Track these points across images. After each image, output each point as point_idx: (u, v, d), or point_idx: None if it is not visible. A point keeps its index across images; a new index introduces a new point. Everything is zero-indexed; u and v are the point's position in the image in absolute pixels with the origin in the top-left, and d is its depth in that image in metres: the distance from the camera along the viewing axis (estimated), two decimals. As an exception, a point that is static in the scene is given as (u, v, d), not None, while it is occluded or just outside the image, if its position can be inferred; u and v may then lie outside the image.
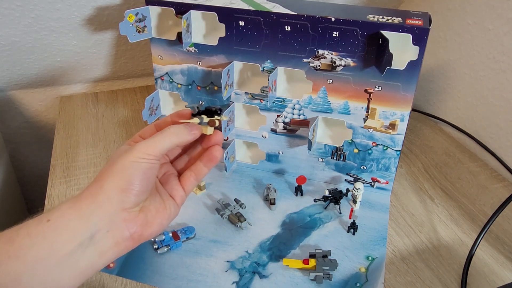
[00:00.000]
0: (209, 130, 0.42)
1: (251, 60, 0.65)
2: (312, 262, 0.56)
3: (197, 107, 0.43)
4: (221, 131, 0.45)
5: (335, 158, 0.69)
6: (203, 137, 0.44)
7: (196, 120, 0.42)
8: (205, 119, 0.42)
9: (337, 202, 0.66)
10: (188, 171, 0.45)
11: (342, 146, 0.68)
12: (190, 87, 0.71)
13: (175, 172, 0.45)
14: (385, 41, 0.55)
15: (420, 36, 0.55)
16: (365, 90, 0.62)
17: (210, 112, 0.42)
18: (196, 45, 0.67)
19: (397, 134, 0.64)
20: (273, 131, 0.70)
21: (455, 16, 0.84)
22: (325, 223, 0.65)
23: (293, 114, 0.68)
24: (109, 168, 0.38)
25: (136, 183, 0.37)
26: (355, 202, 0.67)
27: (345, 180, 0.71)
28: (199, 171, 0.45)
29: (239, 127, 0.71)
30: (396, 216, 0.67)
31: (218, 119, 0.42)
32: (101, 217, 0.36)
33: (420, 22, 0.55)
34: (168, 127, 0.41)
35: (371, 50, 0.58)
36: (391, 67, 0.56)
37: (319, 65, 0.62)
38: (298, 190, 0.69)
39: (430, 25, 0.55)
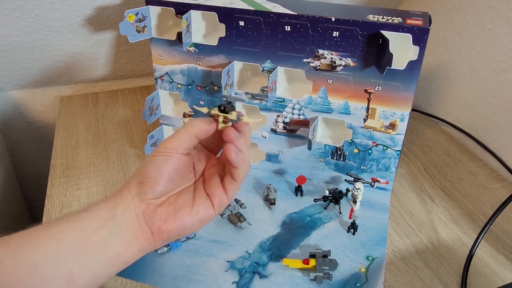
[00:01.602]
0: (220, 126, 0.42)
1: (251, 60, 0.65)
2: (312, 262, 0.56)
3: (221, 104, 0.42)
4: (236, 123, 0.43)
5: (335, 158, 0.69)
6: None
7: (234, 114, 0.42)
8: (235, 113, 0.42)
9: (337, 202, 0.66)
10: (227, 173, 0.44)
11: (342, 146, 0.68)
12: (190, 87, 0.71)
13: (221, 173, 0.44)
14: (385, 41, 0.55)
15: (420, 36, 0.55)
16: (365, 90, 0.62)
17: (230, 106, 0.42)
18: (196, 45, 0.67)
19: (397, 134, 0.64)
20: (273, 131, 0.70)
21: (455, 16, 0.84)
22: (325, 223, 0.65)
23: (293, 114, 0.68)
24: (143, 162, 0.42)
25: (151, 176, 0.40)
26: (355, 202, 0.67)
27: (345, 180, 0.71)
28: (233, 172, 0.42)
29: (239, 127, 0.71)
30: (396, 216, 0.67)
31: (232, 112, 0.42)
32: (123, 208, 0.39)
33: (420, 22, 0.55)
34: (191, 120, 0.42)
35: (371, 50, 0.58)
36: (391, 67, 0.56)
37: (319, 65, 0.62)
38: (298, 190, 0.69)
39: (430, 25, 0.55)
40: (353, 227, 0.62)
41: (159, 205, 0.41)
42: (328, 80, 0.63)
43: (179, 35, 0.66)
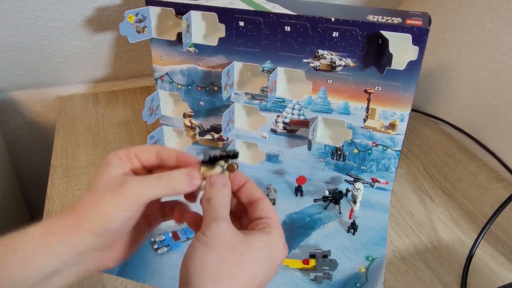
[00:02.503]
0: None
1: (251, 61, 0.65)
2: (312, 262, 0.56)
3: (209, 154, 0.38)
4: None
5: (335, 158, 0.69)
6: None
7: (218, 169, 0.38)
8: (225, 165, 0.38)
9: (337, 202, 0.66)
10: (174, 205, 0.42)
11: (342, 146, 0.68)
12: (190, 87, 0.71)
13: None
14: (385, 41, 0.55)
15: (419, 36, 0.55)
16: (365, 90, 0.62)
17: (223, 157, 0.38)
18: (196, 45, 0.67)
19: (397, 134, 0.64)
20: (273, 131, 0.70)
21: (455, 16, 0.84)
22: (325, 223, 0.65)
23: (293, 114, 0.68)
24: (92, 202, 0.35)
25: (115, 231, 0.36)
26: (355, 202, 0.67)
27: (345, 180, 0.71)
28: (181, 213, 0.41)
29: (239, 127, 0.71)
30: (396, 216, 0.67)
31: (235, 163, 0.38)
32: (71, 255, 0.35)
33: (419, 22, 0.55)
34: (168, 173, 0.37)
35: (371, 50, 0.58)
36: (391, 67, 0.57)
37: (319, 65, 0.62)
38: (298, 190, 0.69)
39: (429, 25, 0.55)
40: (353, 227, 0.62)
41: (111, 249, 0.38)
42: (328, 80, 0.63)
43: (179, 35, 0.66)
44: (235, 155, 0.38)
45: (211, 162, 0.38)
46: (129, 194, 0.35)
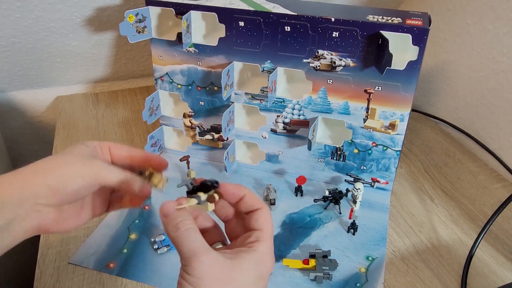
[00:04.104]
0: (210, 207, 0.38)
1: (251, 61, 0.65)
2: (312, 262, 0.56)
3: (191, 183, 0.38)
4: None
5: (335, 158, 0.69)
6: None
7: (193, 201, 0.37)
8: (203, 196, 0.37)
9: (337, 202, 0.66)
10: (120, 197, 0.44)
11: (342, 146, 0.68)
12: (190, 87, 0.71)
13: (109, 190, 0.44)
14: (385, 41, 0.55)
15: (419, 36, 0.55)
16: (365, 90, 0.62)
17: (206, 186, 0.37)
18: (196, 45, 0.67)
19: (397, 134, 0.64)
20: (273, 131, 0.70)
21: (455, 16, 0.84)
22: (325, 223, 0.65)
23: (293, 114, 0.68)
24: (56, 161, 0.38)
25: (68, 194, 0.37)
26: (355, 202, 0.67)
27: (345, 180, 0.71)
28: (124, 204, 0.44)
29: (239, 127, 0.71)
30: (396, 216, 0.67)
31: (217, 194, 0.38)
32: (20, 208, 0.36)
33: (419, 23, 0.55)
34: (132, 175, 0.40)
35: (371, 50, 0.58)
36: (391, 67, 0.57)
37: (319, 65, 0.62)
38: (298, 190, 0.69)
39: (429, 26, 0.55)
40: (353, 227, 0.62)
41: (55, 210, 0.38)
42: (328, 80, 0.63)
43: (179, 35, 0.66)
44: (213, 185, 0.37)
45: (194, 192, 0.38)
46: (95, 168, 0.38)
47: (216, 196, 0.37)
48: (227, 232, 0.42)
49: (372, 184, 0.70)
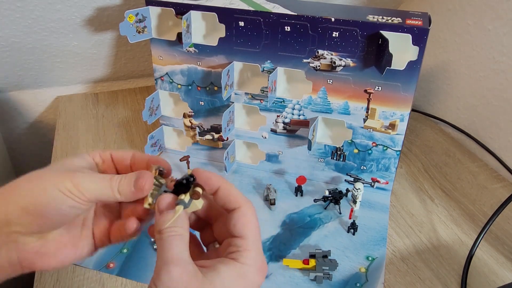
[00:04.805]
0: (199, 204, 0.33)
1: (251, 61, 0.65)
2: (312, 262, 0.56)
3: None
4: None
5: (335, 158, 0.69)
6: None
7: (180, 208, 0.32)
8: (186, 197, 0.33)
9: (337, 202, 0.66)
10: (121, 221, 0.36)
11: (342, 146, 0.68)
12: (190, 87, 0.71)
13: (115, 212, 0.38)
14: (385, 41, 0.55)
15: (419, 36, 0.55)
16: (365, 90, 0.62)
17: (183, 185, 0.33)
18: (196, 45, 0.67)
19: (397, 134, 0.64)
20: (273, 131, 0.70)
21: (455, 16, 0.84)
22: (325, 223, 0.65)
23: (293, 114, 0.68)
24: (30, 177, 0.33)
25: (48, 216, 0.31)
26: (355, 202, 0.67)
27: (345, 180, 0.71)
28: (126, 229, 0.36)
29: (239, 127, 0.71)
30: (396, 216, 0.67)
31: (198, 187, 0.33)
32: None
33: (419, 22, 0.55)
34: (121, 175, 0.34)
35: (371, 50, 0.58)
36: (391, 67, 0.57)
37: (319, 65, 0.62)
38: (298, 190, 0.69)
39: (429, 25, 0.55)
40: (353, 227, 0.62)
41: (38, 239, 0.33)
42: (328, 80, 0.63)
43: (179, 35, 0.66)
44: (189, 181, 0.33)
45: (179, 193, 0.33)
46: (76, 179, 0.32)
47: (199, 190, 0.33)
48: (215, 233, 0.36)
49: (372, 184, 0.70)
